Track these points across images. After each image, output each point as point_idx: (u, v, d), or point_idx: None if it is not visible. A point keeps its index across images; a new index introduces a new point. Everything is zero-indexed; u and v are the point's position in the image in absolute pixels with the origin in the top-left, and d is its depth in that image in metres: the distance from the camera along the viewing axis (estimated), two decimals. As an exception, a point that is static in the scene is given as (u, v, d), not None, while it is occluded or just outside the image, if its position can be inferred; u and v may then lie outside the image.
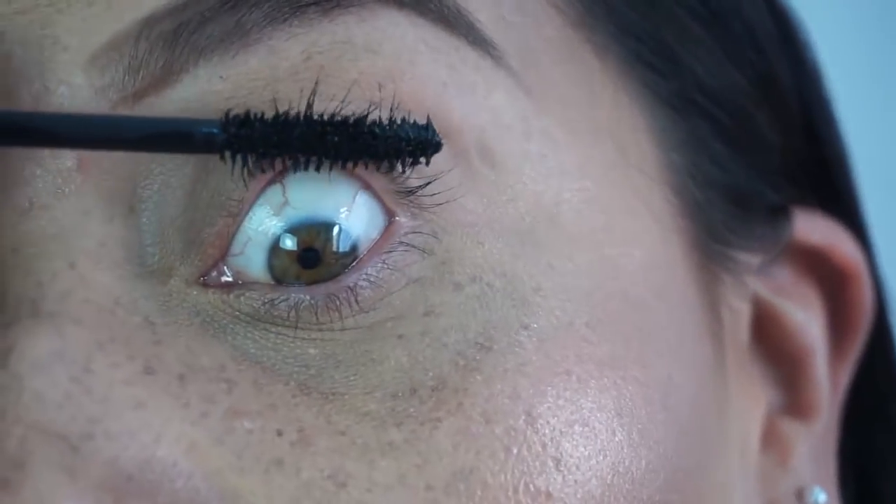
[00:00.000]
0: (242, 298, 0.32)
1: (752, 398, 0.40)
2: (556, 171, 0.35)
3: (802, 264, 0.42)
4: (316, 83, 0.32)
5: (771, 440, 0.40)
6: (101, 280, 0.31)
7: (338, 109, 0.32)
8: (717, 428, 0.37)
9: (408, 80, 0.33)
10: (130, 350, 0.31)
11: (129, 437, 0.29)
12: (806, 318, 0.41)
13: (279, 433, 0.30)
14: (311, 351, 0.32)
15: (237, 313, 0.32)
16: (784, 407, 0.41)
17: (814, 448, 0.41)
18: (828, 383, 0.41)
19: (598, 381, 0.33)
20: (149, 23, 0.32)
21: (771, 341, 0.41)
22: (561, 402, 0.32)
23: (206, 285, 0.32)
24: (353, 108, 0.32)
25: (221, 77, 0.32)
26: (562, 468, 0.31)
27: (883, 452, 0.45)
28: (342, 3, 0.33)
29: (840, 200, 0.44)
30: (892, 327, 0.45)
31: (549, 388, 0.32)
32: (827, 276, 0.42)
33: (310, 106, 0.31)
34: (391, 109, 0.32)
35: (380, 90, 0.32)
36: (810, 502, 0.40)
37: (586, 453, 0.32)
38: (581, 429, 0.32)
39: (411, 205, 0.33)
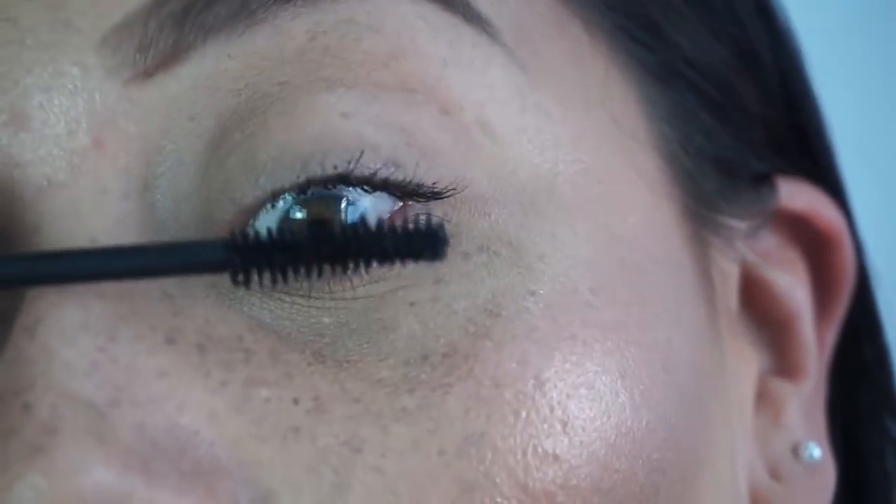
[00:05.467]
0: None
1: (745, 360, 0.41)
2: (552, 144, 0.36)
3: (787, 230, 0.43)
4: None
5: (764, 400, 0.41)
6: None
7: (350, 169, 0.33)
8: (714, 390, 0.38)
9: (410, 58, 0.34)
10: (151, 322, 0.31)
11: (154, 404, 0.30)
12: (791, 283, 0.42)
13: (295, 401, 0.31)
14: (325, 320, 0.33)
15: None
16: (774, 368, 0.42)
17: (804, 406, 0.42)
18: (814, 344, 0.42)
19: (603, 345, 0.34)
20: (158, 2, 0.33)
21: (759, 306, 0.42)
22: (567, 366, 0.33)
23: None
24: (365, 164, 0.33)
25: (229, 56, 0.33)
26: (568, 430, 0.32)
27: (865, 408, 0.46)
28: None
29: (819, 167, 0.45)
30: (873, 288, 0.46)
31: (557, 353, 0.33)
32: (811, 241, 0.43)
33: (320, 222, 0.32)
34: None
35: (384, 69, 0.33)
36: (805, 457, 0.41)
37: (591, 415, 0.33)
38: (587, 391, 0.33)
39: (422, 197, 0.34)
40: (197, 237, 0.33)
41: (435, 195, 0.33)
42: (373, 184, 0.33)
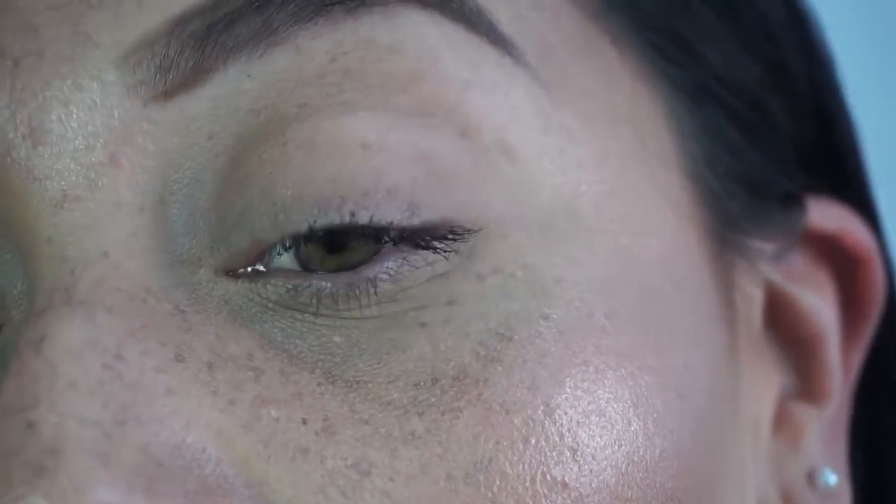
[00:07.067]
0: (269, 286, 0.33)
1: (764, 383, 0.41)
2: (574, 165, 0.35)
3: (815, 251, 0.43)
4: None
5: (783, 423, 0.41)
6: (133, 269, 0.32)
7: None
8: (730, 413, 0.37)
9: (430, 80, 0.34)
10: (161, 338, 0.31)
11: (160, 423, 0.30)
12: (819, 304, 0.42)
13: (304, 422, 0.31)
14: (336, 339, 0.33)
15: (265, 301, 0.33)
16: (796, 391, 0.42)
17: (825, 431, 0.41)
18: (840, 368, 0.42)
19: (616, 372, 0.33)
20: (180, 22, 0.33)
21: (784, 327, 0.42)
22: (579, 392, 0.33)
23: (234, 275, 0.33)
24: None
25: (250, 76, 0.33)
26: (578, 458, 0.32)
27: (892, 433, 0.46)
28: (366, 2, 0.34)
29: (851, 187, 0.45)
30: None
31: (568, 379, 0.33)
32: (839, 262, 0.43)
33: None
34: None
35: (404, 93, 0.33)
36: (821, 484, 0.41)
37: (602, 443, 0.33)
38: (598, 419, 0.33)
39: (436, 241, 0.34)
40: (211, 256, 0.33)
41: (447, 238, 0.33)
42: (389, 234, 0.33)
